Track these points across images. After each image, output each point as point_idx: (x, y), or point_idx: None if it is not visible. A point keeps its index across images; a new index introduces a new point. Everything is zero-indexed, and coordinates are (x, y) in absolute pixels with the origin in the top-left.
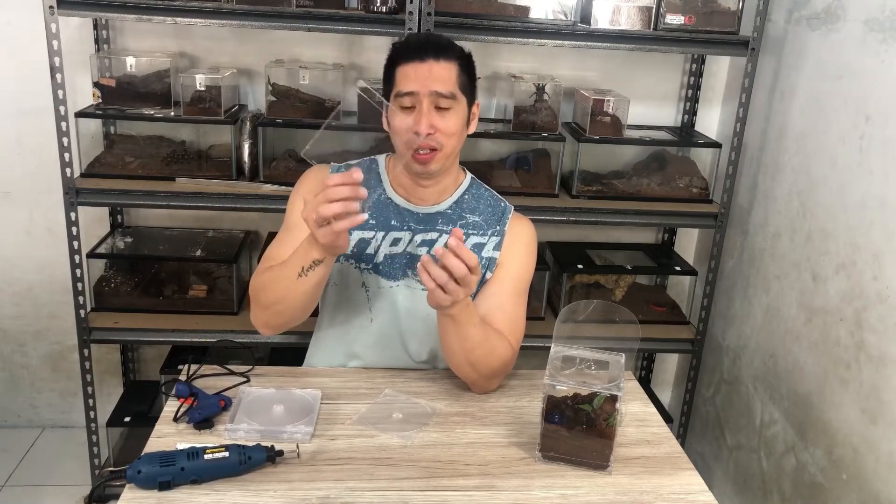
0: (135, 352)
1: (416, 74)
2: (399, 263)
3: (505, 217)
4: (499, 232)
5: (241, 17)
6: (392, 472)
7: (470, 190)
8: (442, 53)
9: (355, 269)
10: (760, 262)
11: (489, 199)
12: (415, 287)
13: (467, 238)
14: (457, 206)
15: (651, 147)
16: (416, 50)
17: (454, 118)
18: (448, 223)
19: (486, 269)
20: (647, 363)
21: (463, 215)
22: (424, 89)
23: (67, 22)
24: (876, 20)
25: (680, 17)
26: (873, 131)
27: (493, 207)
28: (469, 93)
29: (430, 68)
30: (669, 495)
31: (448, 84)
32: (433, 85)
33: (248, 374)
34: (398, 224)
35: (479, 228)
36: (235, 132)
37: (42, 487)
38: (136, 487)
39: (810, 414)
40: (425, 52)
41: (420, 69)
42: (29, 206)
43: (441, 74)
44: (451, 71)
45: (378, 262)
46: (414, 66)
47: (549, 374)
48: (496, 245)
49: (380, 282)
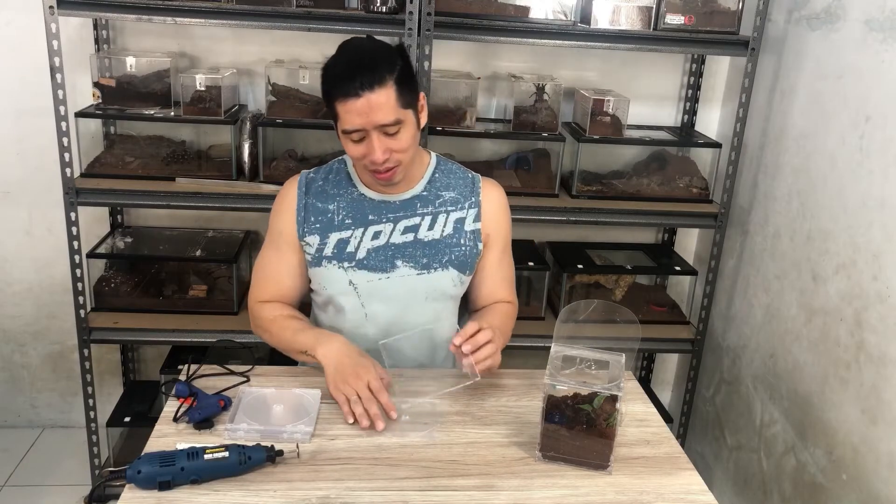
0: (135, 352)
1: (356, 111)
2: (385, 255)
3: (476, 187)
4: (475, 203)
5: (241, 17)
6: (392, 472)
7: (439, 167)
8: (375, 81)
9: (339, 268)
10: (760, 262)
11: (458, 171)
12: (410, 274)
13: (447, 215)
14: (430, 185)
15: (651, 147)
16: (348, 84)
17: (405, 133)
18: (426, 205)
19: (474, 241)
20: (647, 363)
21: (438, 194)
22: (369, 125)
23: (67, 22)
24: (876, 20)
25: (680, 17)
26: (873, 131)
27: (463, 180)
28: (412, 100)
29: (367, 103)
30: (669, 495)
31: (389, 112)
32: (376, 119)
33: (247, 373)
34: (376, 218)
35: (455, 203)
36: (235, 132)
37: (42, 487)
38: (136, 487)
39: (810, 414)
40: (358, 85)
41: (359, 105)
42: (29, 206)
43: (380, 105)
44: (390, 96)
45: (361, 259)
46: (352, 103)
47: (549, 374)
48: (475, 217)
49: (367, 276)
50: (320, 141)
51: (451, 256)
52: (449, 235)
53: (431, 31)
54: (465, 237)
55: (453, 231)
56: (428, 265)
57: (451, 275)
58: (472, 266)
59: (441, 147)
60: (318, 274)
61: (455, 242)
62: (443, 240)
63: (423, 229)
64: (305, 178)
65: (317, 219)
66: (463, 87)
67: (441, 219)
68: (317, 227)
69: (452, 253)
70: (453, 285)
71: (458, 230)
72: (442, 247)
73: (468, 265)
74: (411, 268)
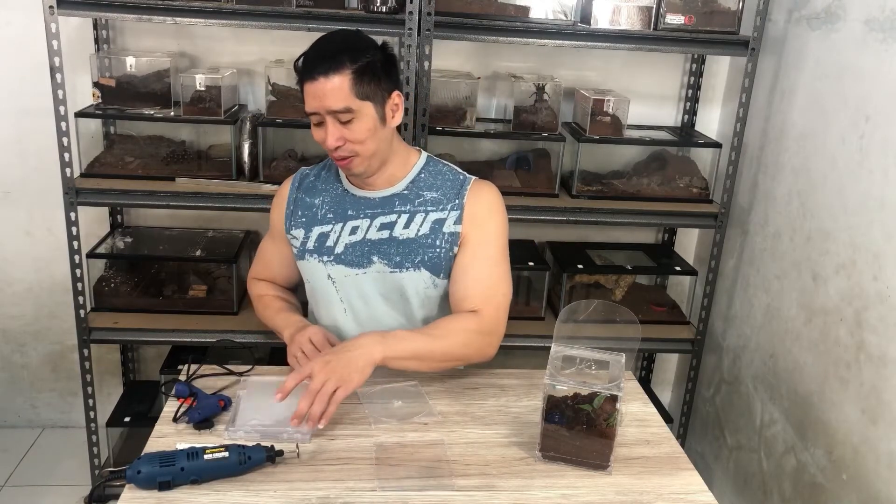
0: (135, 352)
1: (312, 93)
2: (362, 251)
3: (464, 189)
4: (458, 205)
5: (241, 17)
6: (392, 472)
7: (427, 168)
8: (331, 68)
9: (319, 262)
10: (760, 262)
11: (448, 173)
12: (384, 271)
13: (426, 215)
14: (413, 185)
15: (651, 147)
16: (308, 67)
17: (360, 125)
18: (405, 203)
19: (451, 245)
20: (647, 363)
21: (420, 193)
22: (322, 108)
23: (67, 22)
24: (876, 20)
25: (680, 17)
26: (873, 131)
27: (451, 181)
28: (375, 94)
29: (322, 87)
30: (669, 495)
31: (340, 100)
32: (327, 103)
33: (247, 374)
34: (354, 213)
35: (437, 204)
36: (235, 132)
37: (42, 487)
38: (136, 487)
39: (810, 414)
40: (315, 68)
41: (314, 88)
42: (29, 206)
43: (332, 91)
44: (343, 84)
45: (339, 253)
46: (310, 85)
47: (549, 374)
48: (457, 219)
49: (344, 271)
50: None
51: (424, 257)
52: (424, 235)
53: (431, 30)
54: (442, 239)
55: (430, 231)
56: (401, 263)
57: (423, 276)
58: (446, 269)
59: (441, 147)
60: (302, 267)
61: (430, 243)
62: (417, 239)
63: (398, 227)
64: (301, 174)
65: (303, 213)
66: (463, 87)
67: (419, 218)
68: (302, 220)
69: (426, 253)
70: (425, 287)
71: (434, 231)
72: (416, 246)
73: (441, 268)
74: (385, 265)
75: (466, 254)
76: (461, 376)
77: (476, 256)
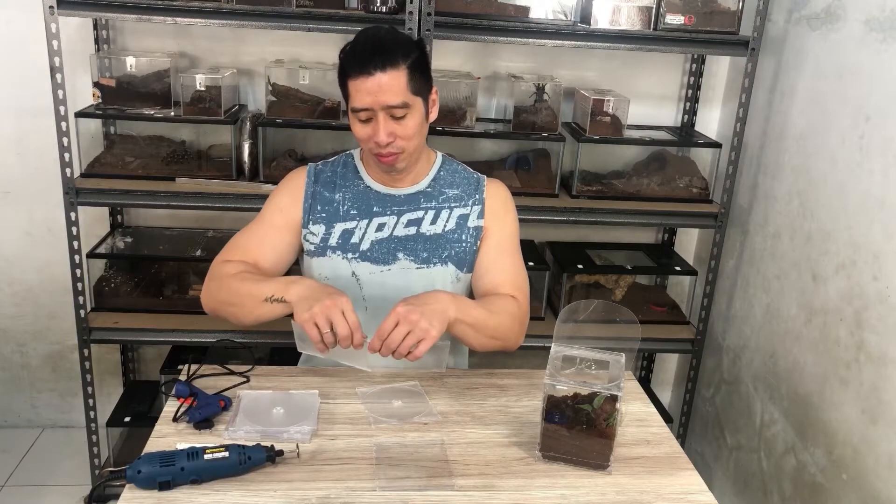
0: (135, 352)
1: (366, 89)
2: (388, 248)
3: (481, 186)
4: (479, 200)
5: (241, 17)
6: (392, 472)
7: (444, 166)
8: (389, 62)
9: (343, 259)
10: (760, 262)
11: (462, 172)
12: (409, 268)
13: (451, 211)
14: (435, 182)
15: (651, 147)
16: (361, 62)
17: (411, 121)
18: (430, 200)
19: (475, 239)
20: (647, 363)
21: (442, 190)
22: (377, 104)
23: (67, 22)
24: (876, 20)
25: (680, 17)
26: (873, 131)
27: (467, 180)
28: (424, 90)
29: (378, 82)
30: (669, 495)
31: (398, 95)
32: (384, 99)
33: (247, 374)
34: (381, 210)
35: (460, 200)
36: (235, 132)
37: (42, 487)
38: (136, 487)
39: (810, 414)
40: (371, 63)
41: (369, 84)
42: (29, 206)
43: (391, 86)
44: (401, 79)
45: (365, 250)
46: (363, 81)
47: (549, 374)
48: (479, 213)
49: (370, 268)
50: (320, 141)
51: (451, 252)
52: (451, 231)
53: (431, 31)
54: (467, 233)
55: (455, 226)
56: (428, 259)
57: (449, 270)
58: (470, 264)
59: (441, 147)
60: (321, 264)
61: (456, 238)
62: (444, 234)
63: (426, 223)
64: (314, 169)
65: (323, 208)
66: (463, 87)
67: (444, 214)
68: (322, 216)
69: (453, 248)
70: (450, 282)
71: (460, 226)
72: (443, 242)
73: (466, 262)
74: (411, 261)
75: (492, 247)
76: (461, 376)
77: (502, 250)
